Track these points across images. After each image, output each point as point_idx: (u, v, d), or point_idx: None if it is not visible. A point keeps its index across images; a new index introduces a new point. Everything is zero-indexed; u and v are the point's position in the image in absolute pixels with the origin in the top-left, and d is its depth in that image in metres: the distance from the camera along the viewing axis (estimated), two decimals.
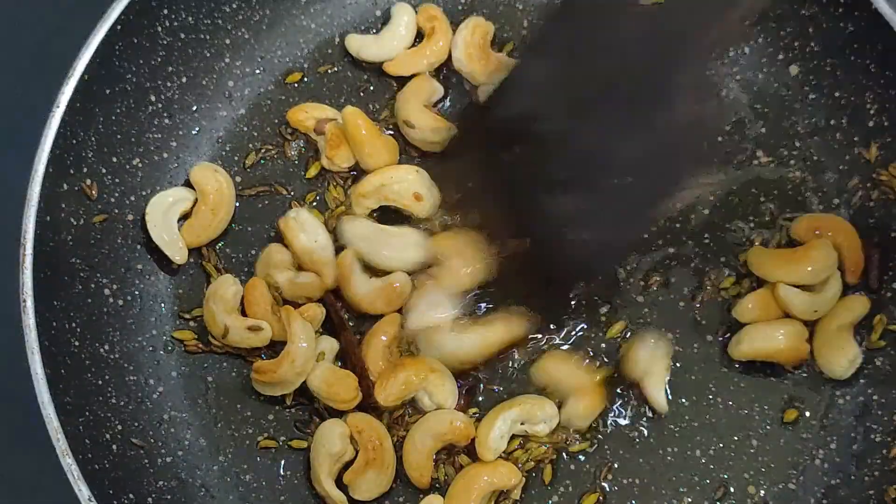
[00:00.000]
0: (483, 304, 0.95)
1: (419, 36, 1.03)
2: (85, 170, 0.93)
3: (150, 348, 0.95)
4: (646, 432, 0.94)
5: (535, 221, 0.84)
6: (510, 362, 0.95)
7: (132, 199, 0.97)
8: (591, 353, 0.95)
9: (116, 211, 0.96)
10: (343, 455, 0.90)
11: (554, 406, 0.92)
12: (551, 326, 0.95)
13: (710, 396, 0.95)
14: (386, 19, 1.04)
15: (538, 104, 0.82)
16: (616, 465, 0.93)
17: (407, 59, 1.02)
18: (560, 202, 0.82)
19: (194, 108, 1.01)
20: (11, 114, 1.09)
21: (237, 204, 0.99)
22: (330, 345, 0.93)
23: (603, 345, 0.96)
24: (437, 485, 0.92)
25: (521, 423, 0.91)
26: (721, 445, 0.94)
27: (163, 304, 0.97)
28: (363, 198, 0.96)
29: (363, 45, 1.02)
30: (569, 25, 0.83)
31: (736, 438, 0.94)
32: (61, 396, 0.85)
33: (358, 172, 0.99)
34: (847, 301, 0.94)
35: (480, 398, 0.94)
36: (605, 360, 0.95)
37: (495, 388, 0.94)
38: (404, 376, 0.90)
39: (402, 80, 1.01)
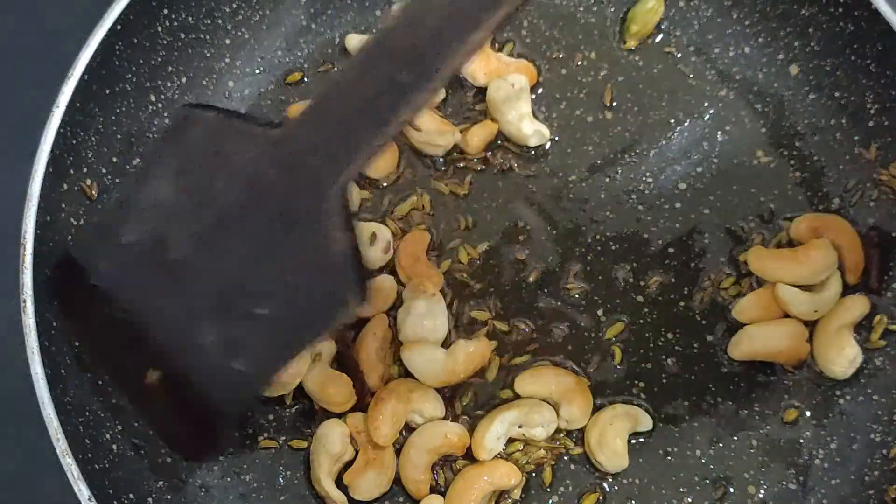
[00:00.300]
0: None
1: None
2: (85, 170, 0.93)
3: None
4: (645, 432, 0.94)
5: (175, 352, 0.79)
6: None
7: None
8: (588, 355, 0.96)
9: None
10: (343, 455, 0.90)
11: (552, 411, 0.91)
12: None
13: (710, 396, 0.95)
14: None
15: (164, 228, 0.77)
16: (619, 468, 0.93)
17: None
18: (202, 331, 0.77)
19: None
20: (11, 114, 1.09)
21: None
22: (327, 347, 0.93)
23: (600, 345, 0.96)
24: (436, 486, 0.92)
25: (519, 427, 0.91)
26: (721, 445, 0.94)
27: None
28: None
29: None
30: (189, 145, 0.78)
31: (736, 438, 0.94)
32: (61, 396, 0.84)
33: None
34: (847, 301, 0.94)
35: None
36: (601, 360, 0.95)
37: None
38: (390, 408, 0.90)
39: None
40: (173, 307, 0.78)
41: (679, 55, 1.03)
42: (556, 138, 1.01)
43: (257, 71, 1.03)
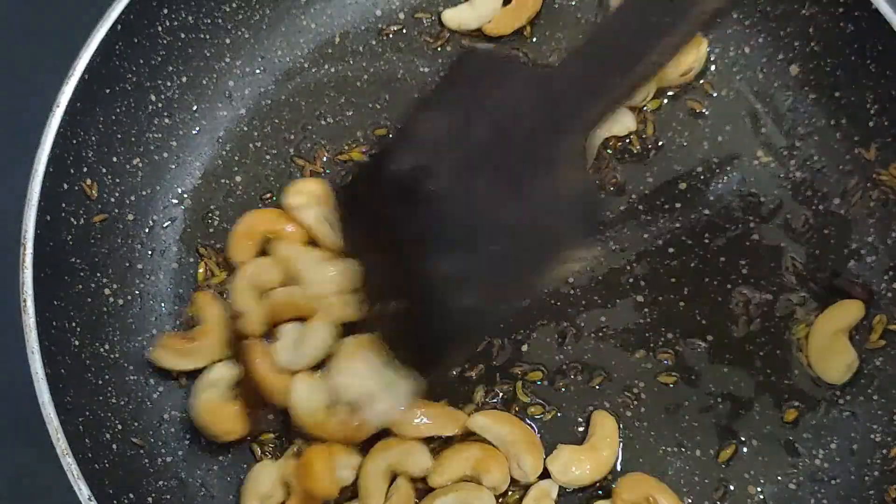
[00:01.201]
0: None
1: None
2: (85, 170, 0.93)
3: (150, 348, 0.95)
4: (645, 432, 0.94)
5: (416, 282, 0.81)
6: None
7: (132, 199, 0.97)
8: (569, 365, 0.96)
9: (116, 211, 0.96)
10: (270, 498, 0.90)
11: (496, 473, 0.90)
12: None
13: (711, 397, 0.94)
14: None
15: (429, 160, 0.80)
16: (618, 467, 0.93)
17: (506, 17, 1.02)
18: (441, 264, 0.79)
19: (194, 108, 1.01)
20: (11, 114, 1.09)
21: (230, 200, 1.00)
22: (227, 373, 0.91)
23: (598, 350, 0.96)
24: None
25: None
26: (721, 445, 0.94)
27: (163, 304, 0.97)
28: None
29: (462, 17, 1.03)
30: (463, 81, 0.82)
31: (736, 438, 0.94)
32: (61, 396, 0.85)
33: None
34: (842, 305, 0.94)
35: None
36: (599, 363, 0.95)
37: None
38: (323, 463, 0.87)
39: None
40: (421, 238, 0.80)
41: None
42: None
43: (257, 71, 1.03)
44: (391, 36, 1.04)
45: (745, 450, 0.93)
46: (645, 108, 1.01)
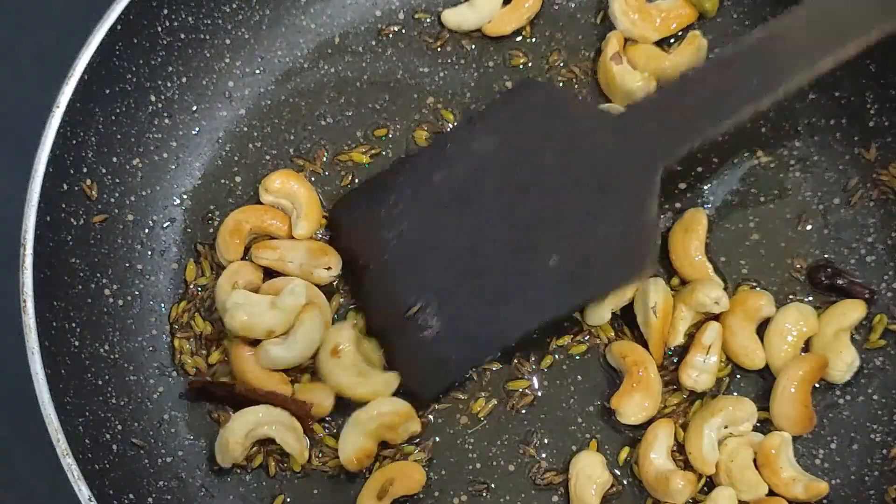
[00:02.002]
0: None
1: None
2: (85, 170, 0.93)
3: (150, 348, 0.96)
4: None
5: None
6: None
7: (132, 199, 0.97)
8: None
9: (116, 211, 0.96)
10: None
11: (752, 404, 0.91)
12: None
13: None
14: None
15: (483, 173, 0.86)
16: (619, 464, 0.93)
17: (506, 17, 1.02)
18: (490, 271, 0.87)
19: (194, 108, 1.01)
20: (11, 114, 1.09)
21: (230, 200, 1.00)
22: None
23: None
24: None
25: (726, 427, 0.91)
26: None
27: (163, 304, 0.97)
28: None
29: (462, 17, 1.03)
30: (521, 108, 0.89)
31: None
32: (61, 396, 0.85)
33: None
34: (842, 305, 0.94)
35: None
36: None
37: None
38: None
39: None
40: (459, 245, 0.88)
41: None
42: None
43: (257, 71, 1.03)
44: (391, 36, 1.04)
45: None
46: None
